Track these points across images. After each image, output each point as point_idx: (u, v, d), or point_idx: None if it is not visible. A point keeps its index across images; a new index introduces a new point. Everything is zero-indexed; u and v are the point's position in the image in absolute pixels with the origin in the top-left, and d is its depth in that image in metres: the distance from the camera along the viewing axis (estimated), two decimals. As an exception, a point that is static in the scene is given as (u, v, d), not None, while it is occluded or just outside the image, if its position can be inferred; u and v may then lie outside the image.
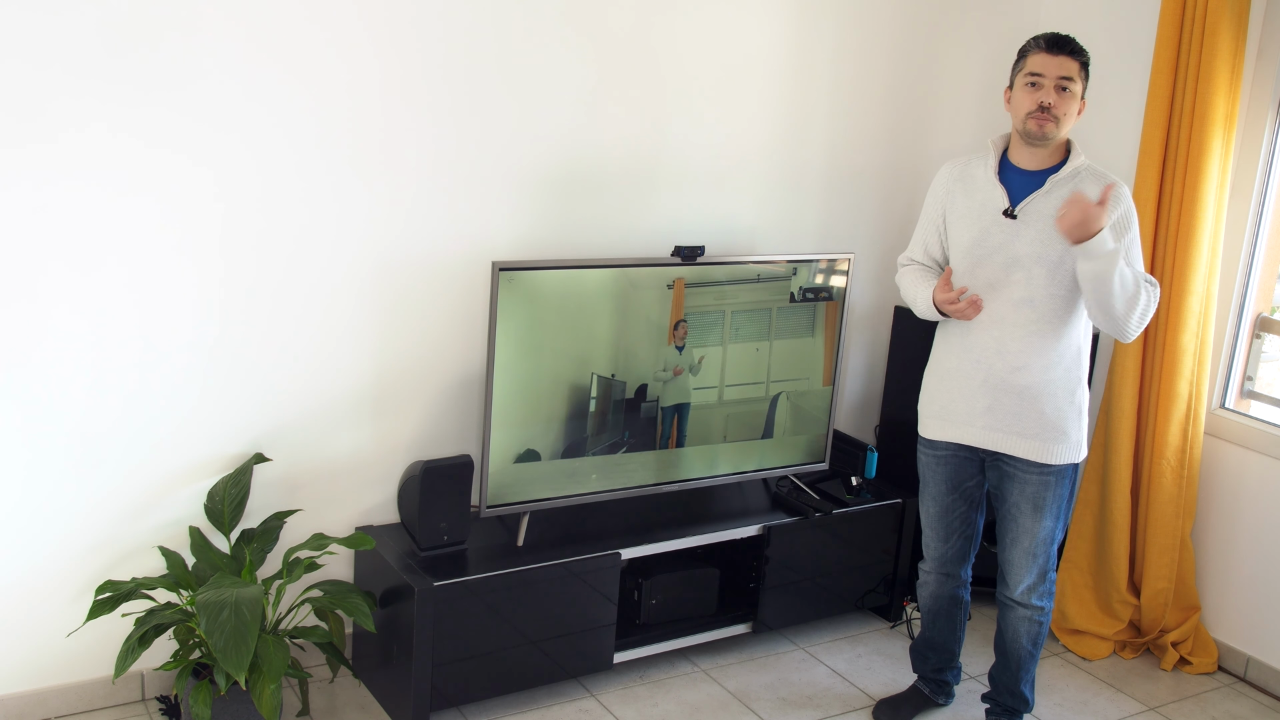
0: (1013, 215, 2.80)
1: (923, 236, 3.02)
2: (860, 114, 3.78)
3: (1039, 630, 3.04)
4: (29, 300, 2.68)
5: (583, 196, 3.33)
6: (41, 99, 2.58)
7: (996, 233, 2.82)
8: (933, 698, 3.29)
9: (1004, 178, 2.86)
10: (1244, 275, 3.58)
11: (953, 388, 2.93)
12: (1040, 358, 2.82)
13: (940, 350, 2.99)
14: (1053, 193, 2.79)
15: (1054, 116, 2.73)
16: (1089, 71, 2.80)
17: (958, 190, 2.92)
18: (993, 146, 2.89)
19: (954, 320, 2.90)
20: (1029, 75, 2.76)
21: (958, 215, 2.90)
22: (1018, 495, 2.92)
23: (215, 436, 2.97)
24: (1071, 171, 2.80)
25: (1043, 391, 2.83)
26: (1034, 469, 2.88)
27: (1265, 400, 3.60)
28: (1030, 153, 2.82)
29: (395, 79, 2.97)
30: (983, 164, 2.89)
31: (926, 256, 3.01)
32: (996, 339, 2.83)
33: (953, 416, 2.94)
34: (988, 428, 2.89)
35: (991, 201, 2.84)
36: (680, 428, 3.36)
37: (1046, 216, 2.77)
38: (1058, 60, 2.73)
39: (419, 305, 3.16)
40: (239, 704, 2.78)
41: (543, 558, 3.09)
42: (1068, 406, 2.85)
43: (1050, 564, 2.98)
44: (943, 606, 3.17)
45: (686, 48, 3.39)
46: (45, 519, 2.82)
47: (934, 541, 3.11)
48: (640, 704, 3.22)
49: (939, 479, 3.03)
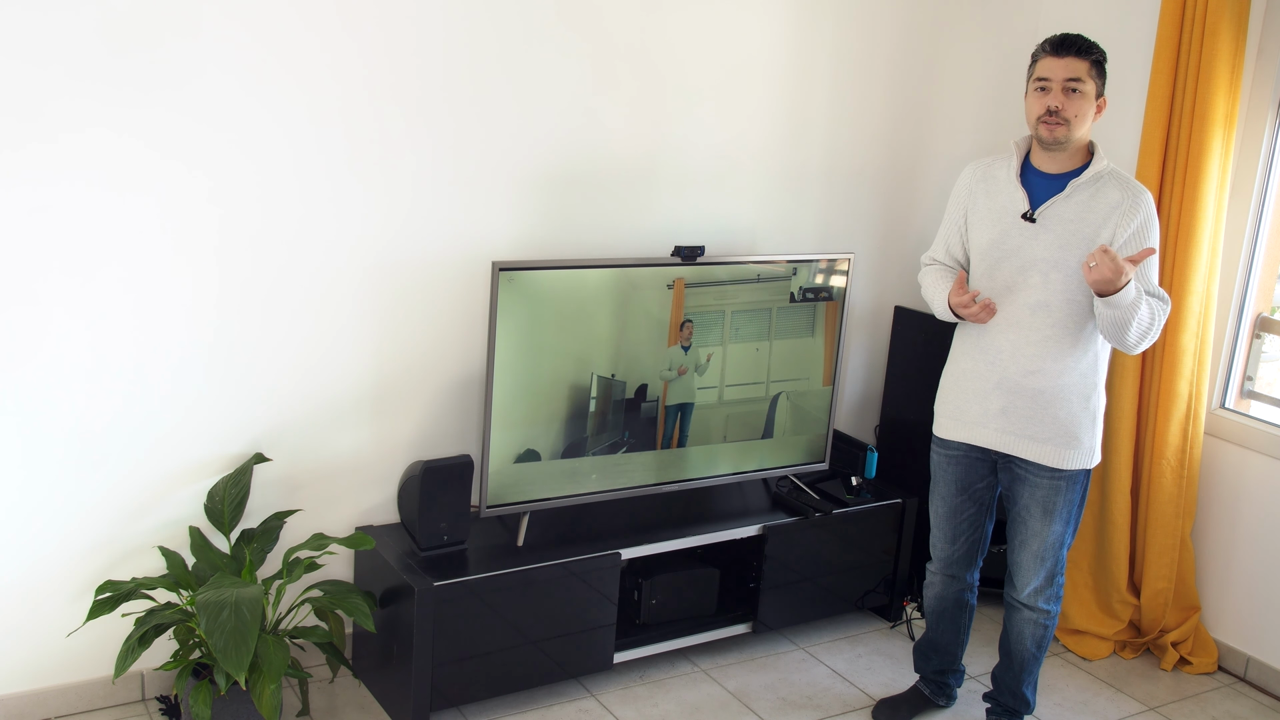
0: (1032, 219, 2.79)
1: (945, 236, 3.01)
2: (860, 114, 3.78)
3: (1044, 633, 3.04)
4: (28, 300, 2.68)
5: (583, 196, 3.33)
6: (40, 99, 2.58)
7: (1015, 235, 2.81)
8: (933, 699, 3.29)
9: (1025, 180, 2.84)
10: (1244, 275, 3.58)
11: (967, 388, 2.92)
12: (1055, 362, 2.81)
13: (957, 351, 2.99)
14: (1073, 197, 2.77)
15: (1063, 120, 2.71)
16: (1104, 69, 2.76)
17: (980, 191, 2.91)
18: (1015, 148, 2.87)
19: (972, 324, 2.90)
20: (1038, 80, 2.75)
21: (978, 216, 2.89)
22: (1028, 498, 2.91)
23: (215, 436, 2.97)
24: (1093, 176, 2.77)
25: (1057, 396, 2.82)
26: (1045, 473, 2.88)
27: (1265, 400, 3.60)
28: (1050, 156, 2.81)
29: (396, 79, 2.97)
30: (1006, 165, 2.88)
31: (948, 256, 3.00)
32: (1012, 342, 2.83)
33: (966, 417, 2.93)
34: (1001, 430, 2.88)
35: (1012, 204, 2.83)
36: (683, 427, 3.36)
37: (1066, 221, 2.76)
38: (1064, 62, 2.71)
39: (419, 305, 3.16)
40: (239, 704, 2.78)
41: (543, 558, 3.09)
42: (1081, 412, 2.84)
43: (1059, 568, 2.98)
44: (947, 609, 3.16)
45: (687, 48, 3.39)
46: (45, 519, 2.82)
47: (941, 542, 3.11)
48: (640, 704, 3.22)
49: (949, 479, 3.03)
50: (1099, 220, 2.75)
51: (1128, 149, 3.68)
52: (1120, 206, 2.74)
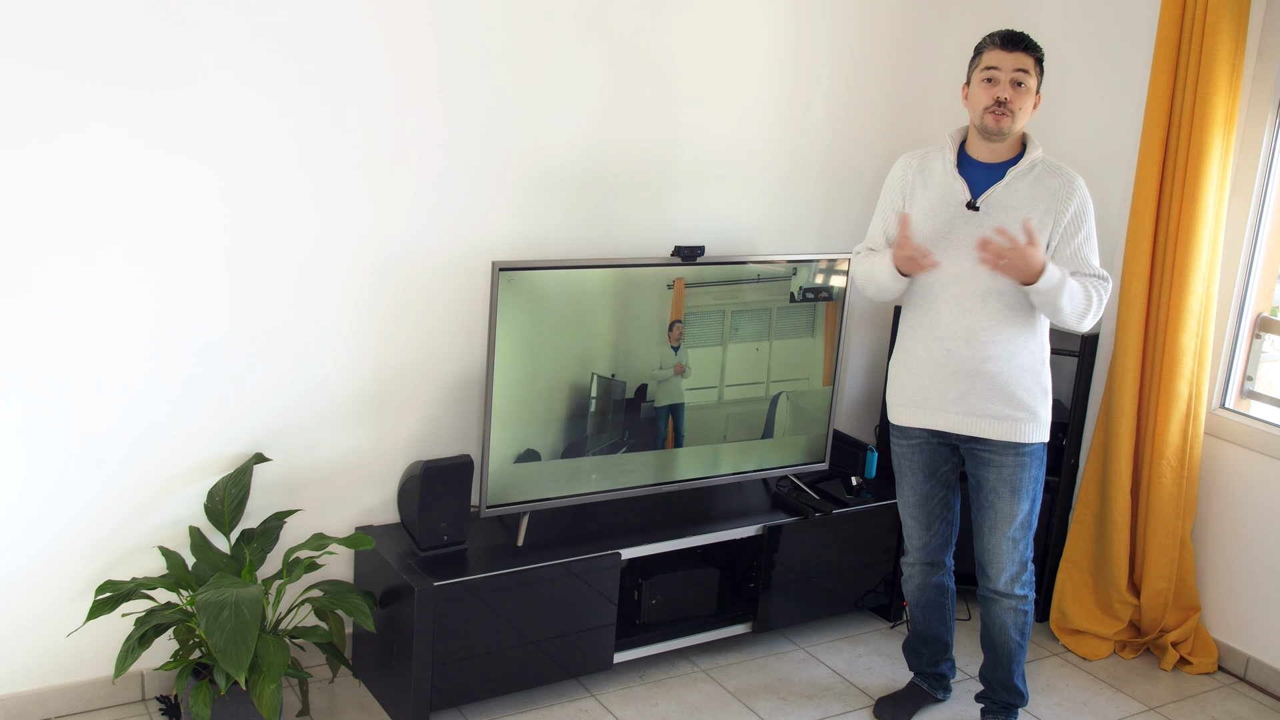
0: (975, 207, 2.85)
1: (883, 221, 3.03)
2: (860, 113, 3.78)
3: (1025, 620, 3.07)
4: (30, 300, 2.68)
5: (583, 196, 3.33)
6: (40, 98, 2.58)
7: (960, 225, 2.87)
8: (931, 693, 3.30)
9: (963, 170, 2.90)
10: (1244, 275, 3.57)
11: (923, 375, 2.96)
12: (1008, 345, 2.87)
13: (907, 340, 3.01)
14: (1013, 184, 2.85)
15: (1010, 111, 2.79)
16: (1044, 67, 2.86)
17: (917, 183, 2.96)
18: (950, 140, 2.94)
19: (921, 309, 2.93)
20: (985, 70, 2.82)
21: (918, 208, 2.93)
22: (995, 479, 2.96)
23: (215, 436, 2.97)
24: (1029, 164, 2.86)
25: (1011, 376, 2.88)
26: (1009, 450, 2.93)
27: (1265, 400, 3.60)
28: (989, 147, 2.88)
29: (396, 80, 2.97)
30: (940, 157, 2.94)
31: (886, 242, 3.02)
32: (967, 330, 2.87)
33: (925, 403, 2.97)
34: (962, 413, 2.93)
35: (952, 194, 2.89)
36: (676, 428, 3.36)
37: (1008, 208, 2.84)
38: (1013, 56, 2.79)
39: (419, 305, 3.16)
40: (239, 704, 2.78)
41: (543, 558, 3.09)
42: (1035, 387, 2.91)
43: (1029, 552, 3.02)
44: (930, 597, 3.19)
45: (687, 48, 3.38)
46: (45, 519, 2.82)
47: (916, 531, 3.13)
48: (640, 704, 3.22)
49: (915, 467, 3.07)
50: (1041, 207, 2.83)
51: (1128, 149, 3.68)
52: (1058, 193, 2.84)
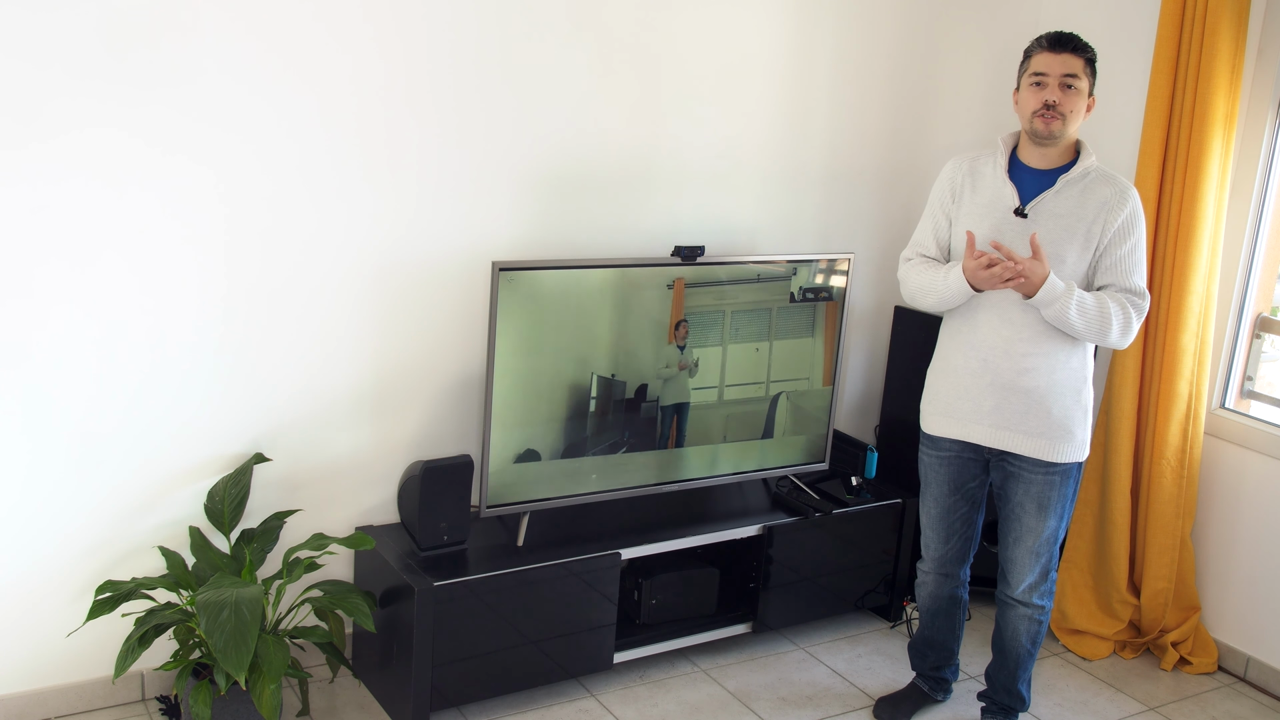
0: (1023, 214, 2.80)
1: (932, 225, 2.97)
2: (860, 113, 3.78)
3: (1039, 629, 3.04)
4: (30, 301, 2.68)
5: (583, 196, 3.33)
6: (40, 99, 2.58)
7: (1008, 231, 2.81)
8: (931, 694, 3.30)
9: (1013, 176, 2.85)
10: (1244, 275, 3.58)
11: (958, 385, 2.92)
12: (1047, 359, 2.81)
13: (946, 347, 2.97)
14: (1063, 192, 2.80)
15: (1060, 114, 2.74)
16: (1095, 69, 2.79)
17: (965, 186, 2.91)
18: (1002, 144, 2.89)
19: (962, 316, 2.89)
20: (1034, 75, 2.77)
21: (965, 211, 2.89)
22: (1022, 495, 2.92)
23: (215, 436, 2.97)
24: (1082, 172, 2.80)
25: (1049, 392, 2.82)
26: (1040, 468, 2.88)
27: (1265, 400, 3.60)
28: (1040, 152, 2.83)
29: (398, 79, 2.97)
30: (991, 161, 2.89)
31: (937, 249, 2.96)
32: (1005, 339, 2.82)
33: (958, 414, 2.93)
34: (995, 426, 2.88)
35: (1001, 199, 2.84)
36: (680, 427, 3.36)
37: (1058, 216, 2.78)
38: (1061, 58, 2.73)
39: (419, 305, 3.16)
40: (239, 704, 2.78)
41: (543, 558, 3.09)
42: (1074, 406, 2.85)
43: (1053, 564, 2.98)
44: (942, 606, 3.17)
45: (687, 48, 3.38)
46: (46, 519, 2.82)
47: (934, 542, 3.11)
48: (640, 704, 3.22)
49: (941, 480, 3.03)
50: (1090, 215, 2.78)
51: (1128, 149, 3.68)
52: (1109, 202, 2.78)
